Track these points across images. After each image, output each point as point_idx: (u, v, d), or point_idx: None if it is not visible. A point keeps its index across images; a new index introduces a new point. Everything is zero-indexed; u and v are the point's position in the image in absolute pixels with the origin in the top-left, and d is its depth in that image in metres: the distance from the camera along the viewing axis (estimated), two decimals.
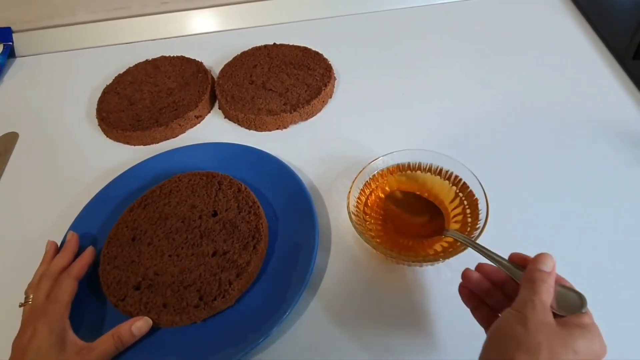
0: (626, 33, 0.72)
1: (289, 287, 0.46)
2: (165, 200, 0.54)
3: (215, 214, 0.52)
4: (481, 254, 0.41)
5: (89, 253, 0.50)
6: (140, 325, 0.44)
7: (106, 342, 0.42)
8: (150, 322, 0.45)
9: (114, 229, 0.52)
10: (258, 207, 0.52)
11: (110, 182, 0.58)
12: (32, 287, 0.46)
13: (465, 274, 0.41)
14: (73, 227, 0.53)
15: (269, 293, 0.47)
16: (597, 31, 0.73)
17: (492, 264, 0.39)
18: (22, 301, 0.45)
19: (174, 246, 0.50)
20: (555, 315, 0.33)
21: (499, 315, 0.36)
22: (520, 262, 0.38)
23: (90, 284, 0.49)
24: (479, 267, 0.41)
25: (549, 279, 0.34)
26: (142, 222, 0.52)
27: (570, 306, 0.34)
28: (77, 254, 0.50)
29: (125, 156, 0.64)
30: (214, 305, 0.45)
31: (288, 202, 0.54)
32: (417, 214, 0.50)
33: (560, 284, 0.35)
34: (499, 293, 0.39)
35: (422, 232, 0.49)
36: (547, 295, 0.34)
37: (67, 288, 0.45)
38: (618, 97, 0.63)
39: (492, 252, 0.40)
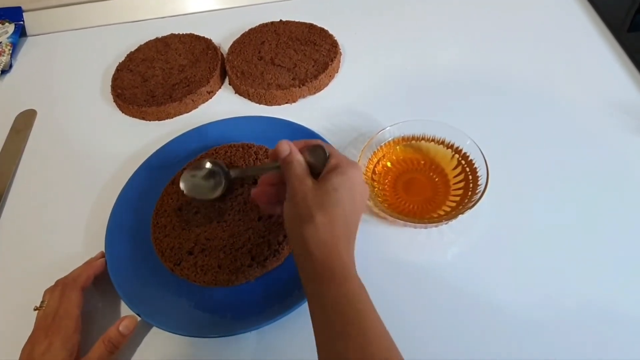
0: (621, 6, 0.74)
1: None
2: None
3: (255, 182, 0.55)
4: (256, 174, 0.49)
5: (99, 264, 0.50)
6: (126, 323, 0.45)
7: (98, 349, 0.44)
8: (137, 319, 0.46)
9: (159, 201, 0.55)
10: None
11: (148, 158, 0.59)
12: (50, 291, 0.47)
13: (252, 195, 0.47)
14: (118, 200, 0.55)
15: None
16: (592, 4, 0.75)
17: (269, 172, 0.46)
18: (38, 304, 0.46)
19: (220, 213, 0.53)
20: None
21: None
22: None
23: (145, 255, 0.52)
24: (260, 181, 0.47)
25: (292, 157, 0.41)
26: None
27: (323, 159, 0.42)
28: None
29: (142, 131, 0.67)
30: (266, 264, 0.48)
31: None
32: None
33: (308, 147, 0.42)
34: (284, 189, 0.43)
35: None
36: (299, 169, 0.40)
37: (75, 300, 0.46)
38: (613, 68, 0.66)
39: (260, 166, 0.50)
